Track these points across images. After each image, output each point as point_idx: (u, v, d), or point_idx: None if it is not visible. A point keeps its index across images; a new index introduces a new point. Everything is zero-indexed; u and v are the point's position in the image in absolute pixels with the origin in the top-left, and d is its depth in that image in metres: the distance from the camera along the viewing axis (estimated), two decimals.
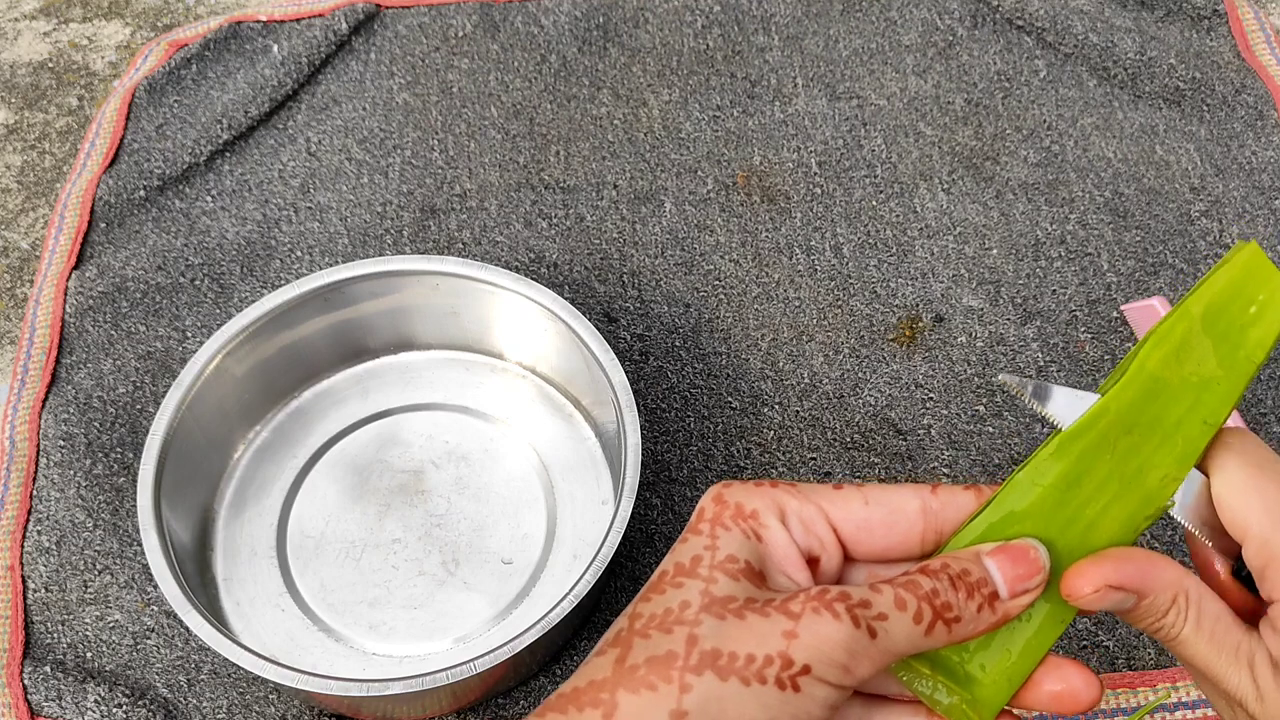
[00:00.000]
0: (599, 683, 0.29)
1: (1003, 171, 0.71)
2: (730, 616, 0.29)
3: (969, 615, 0.31)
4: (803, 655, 0.28)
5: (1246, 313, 0.35)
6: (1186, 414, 0.34)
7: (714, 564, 0.31)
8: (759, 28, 0.79)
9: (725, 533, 0.31)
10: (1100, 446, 0.33)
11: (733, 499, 0.32)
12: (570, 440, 0.61)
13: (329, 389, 0.63)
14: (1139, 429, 0.33)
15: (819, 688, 0.29)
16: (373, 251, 0.69)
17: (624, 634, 0.30)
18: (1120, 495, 0.33)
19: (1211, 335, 0.34)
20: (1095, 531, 0.33)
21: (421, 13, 0.80)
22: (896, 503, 0.33)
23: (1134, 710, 0.52)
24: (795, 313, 0.66)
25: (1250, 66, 0.75)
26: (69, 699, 0.53)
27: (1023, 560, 0.32)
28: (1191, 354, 0.34)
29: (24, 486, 0.60)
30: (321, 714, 0.54)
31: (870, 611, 0.29)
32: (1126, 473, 0.33)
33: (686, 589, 0.30)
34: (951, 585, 0.31)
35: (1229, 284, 0.35)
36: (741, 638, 0.29)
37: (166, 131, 0.74)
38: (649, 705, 0.28)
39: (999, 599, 0.31)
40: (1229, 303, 0.34)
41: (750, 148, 0.73)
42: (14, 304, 0.72)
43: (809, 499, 0.32)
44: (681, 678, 0.28)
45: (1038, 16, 0.77)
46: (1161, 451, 0.33)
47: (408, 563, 0.57)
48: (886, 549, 0.33)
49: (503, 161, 0.73)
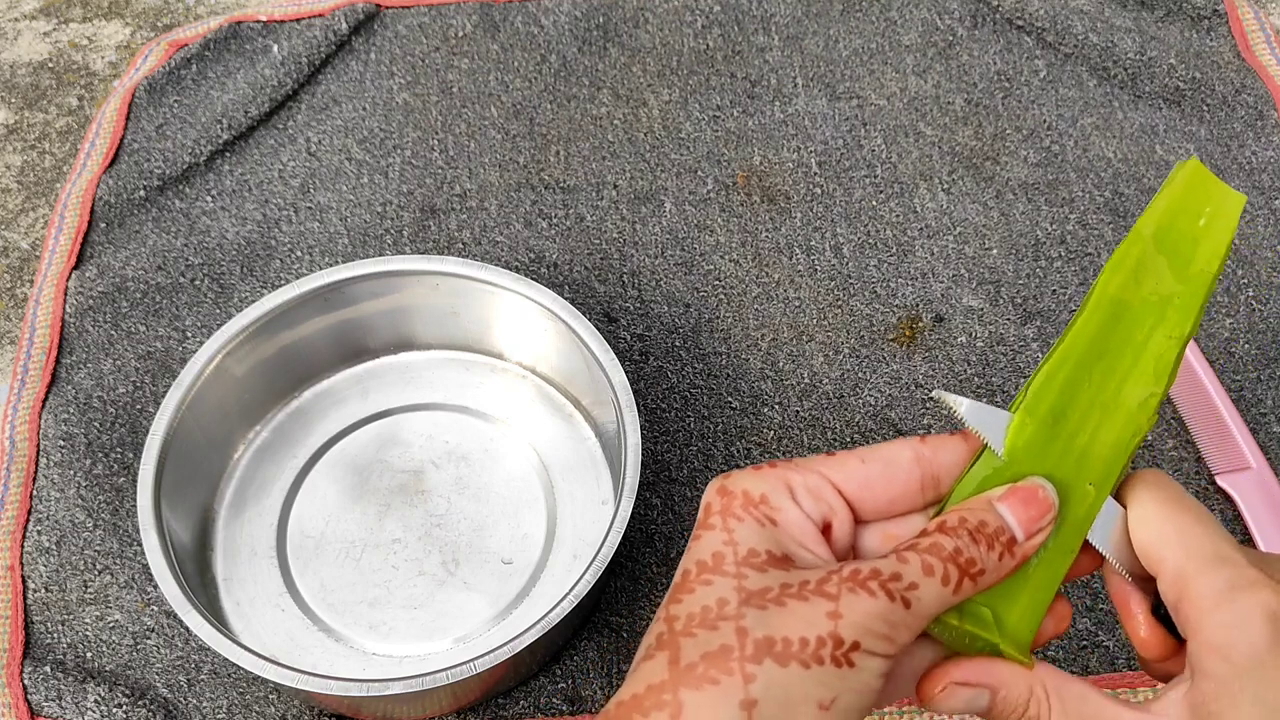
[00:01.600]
0: (657, 686, 0.29)
1: (1003, 171, 0.71)
2: (771, 605, 0.30)
3: (991, 565, 0.32)
4: (850, 633, 0.29)
5: (1196, 226, 0.36)
6: (1152, 331, 0.35)
7: (739, 560, 0.31)
8: (759, 28, 0.79)
9: (739, 524, 0.32)
10: (1078, 377, 0.34)
11: (738, 488, 0.33)
12: (570, 440, 0.61)
13: (329, 389, 0.63)
14: (1110, 353, 0.34)
15: (870, 660, 0.30)
16: (373, 251, 0.69)
17: (666, 637, 0.30)
18: (1105, 421, 0.34)
19: (1165, 253, 0.35)
20: (1089, 460, 0.34)
21: (421, 13, 0.80)
22: (890, 455, 0.34)
23: None
24: (795, 313, 0.66)
25: (1250, 66, 0.75)
26: (69, 699, 0.53)
27: (1033, 501, 0.33)
28: (1149, 274, 0.35)
29: (24, 486, 0.60)
30: (321, 714, 0.54)
31: (902, 584, 0.30)
32: (1106, 398, 0.34)
33: (718, 586, 0.30)
34: (972, 539, 0.32)
35: (1175, 201, 0.36)
36: (789, 623, 0.29)
37: (166, 131, 0.74)
38: (716, 700, 0.28)
39: (1016, 543, 0.32)
40: (1177, 219, 0.36)
41: (750, 148, 0.73)
42: (14, 304, 0.72)
43: (810, 469, 0.33)
44: (742, 668, 0.29)
45: (1038, 16, 0.77)
46: (1135, 372, 0.34)
47: (408, 563, 0.57)
48: (890, 502, 0.34)
49: (503, 161, 0.73)
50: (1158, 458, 0.60)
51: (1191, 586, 0.31)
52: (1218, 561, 0.31)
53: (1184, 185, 0.36)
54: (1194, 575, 0.31)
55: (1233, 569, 0.31)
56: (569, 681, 0.54)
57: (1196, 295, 0.35)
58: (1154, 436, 0.60)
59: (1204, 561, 0.32)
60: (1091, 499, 0.34)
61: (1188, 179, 0.36)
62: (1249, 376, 0.62)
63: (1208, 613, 0.31)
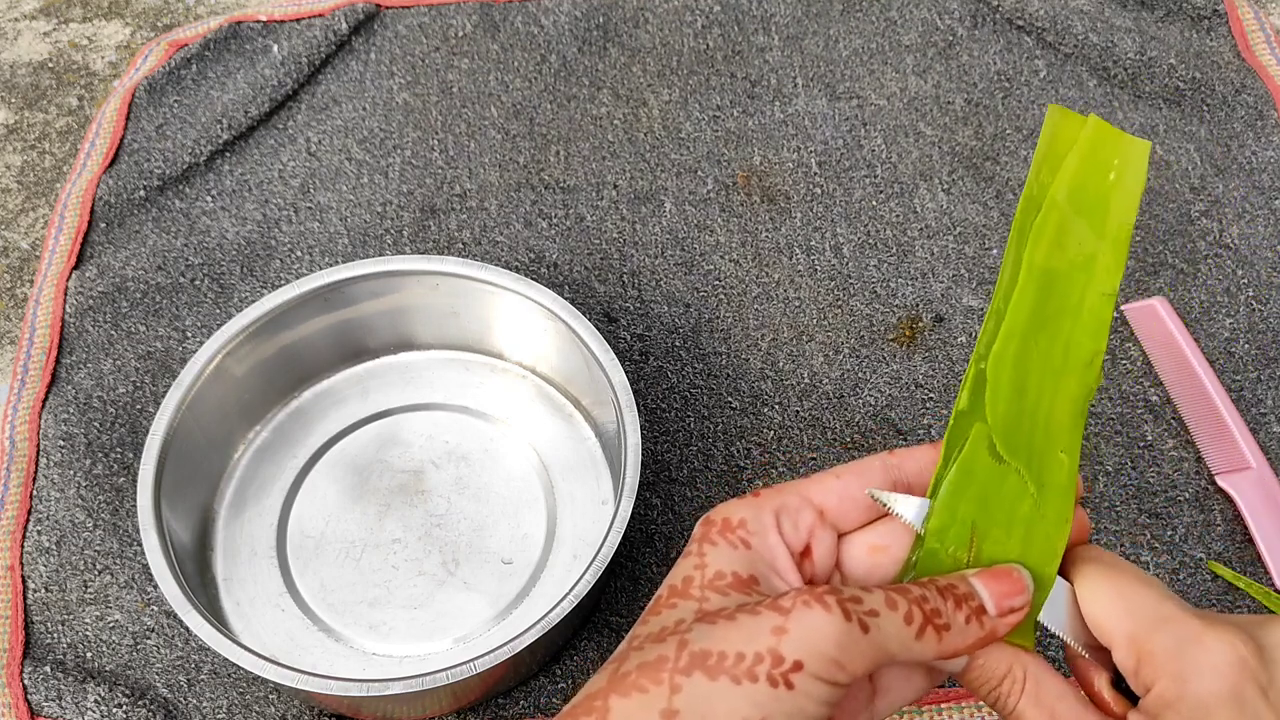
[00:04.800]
0: (594, 694, 0.29)
1: (1003, 171, 0.71)
2: (721, 621, 0.29)
3: (958, 625, 0.31)
4: (793, 651, 0.28)
5: (1107, 180, 0.36)
6: (1084, 292, 0.35)
7: (705, 583, 0.31)
8: (759, 28, 0.79)
9: (712, 548, 0.32)
10: (1025, 349, 0.35)
11: (719, 516, 0.33)
12: (570, 440, 0.61)
13: (329, 389, 0.63)
14: (1050, 320, 0.35)
15: (812, 684, 0.29)
16: (373, 251, 0.69)
17: (621, 653, 0.30)
18: (1059, 386, 0.35)
19: (1082, 214, 0.36)
20: (1054, 429, 0.34)
21: (421, 13, 0.80)
22: (861, 467, 0.34)
23: None
24: (795, 313, 0.66)
25: (1250, 66, 0.75)
26: (69, 699, 0.53)
27: (1006, 579, 0.33)
28: (1070, 238, 0.36)
29: (24, 486, 0.60)
30: (321, 714, 0.54)
31: (861, 606, 0.30)
32: (1055, 364, 0.35)
33: (681, 609, 0.31)
34: (939, 594, 0.31)
35: (1083, 161, 0.36)
36: (730, 637, 0.29)
37: (166, 131, 0.74)
38: (639, 707, 0.28)
39: (986, 614, 0.32)
40: (1088, 179, 0.36)
41: (750, 148, 0.73)
42: (14, 304, 0.72)
43: (789, 491, 0.33)
44: (671, 679, 0.28)
45: (1038, 16, 0.77)
46: (1076, 333, 0.35)
47: (408, 563, 0.57)
48: (867, 512, 0.34)
49: (503, 161, 0.73)
50: (1158, 458, 0.60)
51: (1143, 650, 0.32)
52: (1163, 622, 0.32)
53: (1089, 144, 0.36)
54: (1144, 639, 0.32)
55: (1179, 625, 0.31)
56: (569, 681, 0.54)
57: (1120, 249, 0.36)
58: (1154, 437, 0.60)
59: (1152, 624, 0.32)
60: (1067, 466, 0.34)
61: (1092, 137, 0.37)
62: (1249, 376, 0.62)
63: (1159, 670, 0.31)
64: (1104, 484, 0.59)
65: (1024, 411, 0.34)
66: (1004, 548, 0.33)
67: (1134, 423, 0.61)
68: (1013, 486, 0.34)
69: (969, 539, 0.33)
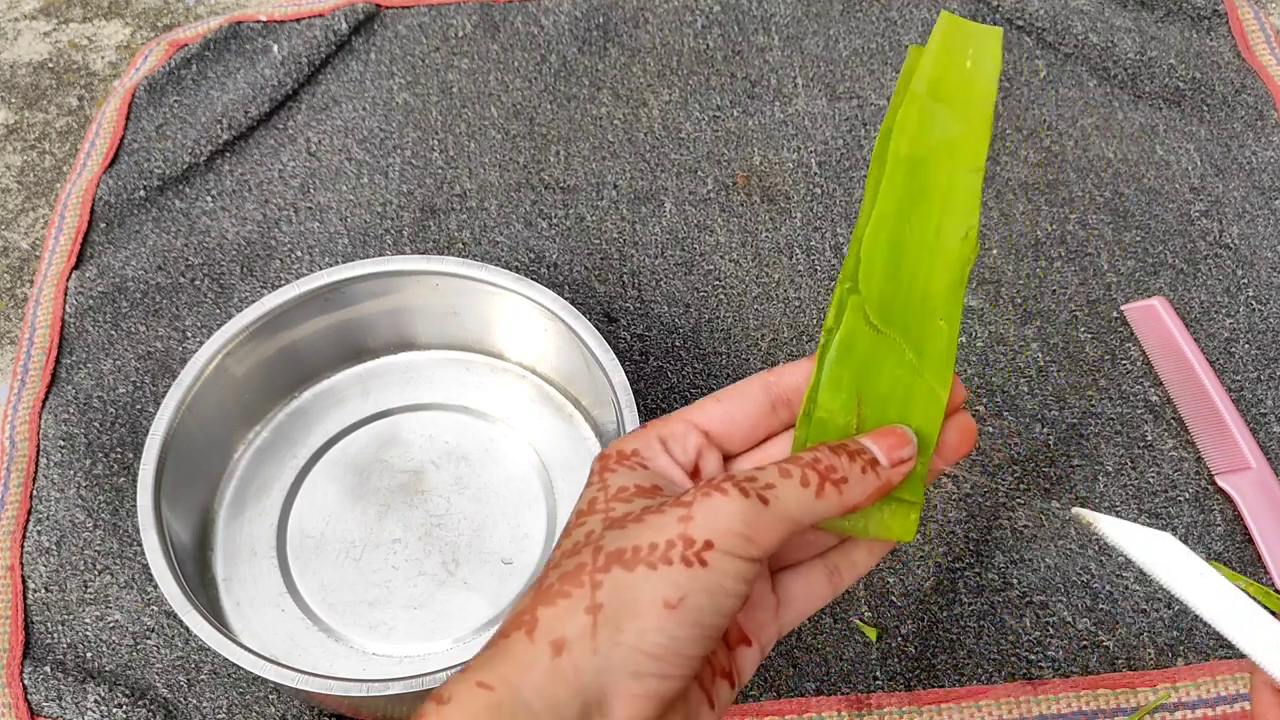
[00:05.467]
0: (520, 611, 0.30)
1: (1003, 171, 0.71)
2: (630, 525, 0.31)
3: (854, 476, 0.33)
4: (702, 532, 0.30)
5: (964, 69, 0.38)
6: (953, 172, 0.37)
7: (609, 499, 0.33)
8: (759, 28, 0.79)
9: (613, 475, 0.34)
10: (899, 230, 0.37)
11: (613, 449, 0.35)
12: (570, 440, 0.61)
13: (329, 389, 0.63)
14: (922, 200, 0.37)
15: (726, 560, 0.30)
16: (373, 251, 0.69)
17: (541, 576, 0.32)
18: (936, 263, 0.37)
19: (943, 102, 0.38)
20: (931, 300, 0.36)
21: (421, 13, 0.80)
22: (740, 388, 0.36)
23: (1134, 710, 0.52)
24: (795, 313, 0.66)
25: (1250, 66, 0.75)
26: (69, 699, 0.53)
27: (892, 434, 0.35)
28: (933, 125, 0.38)
29: (24, 486, 0.60)
30: (321, 714, 0.54)
31: (758, 484, 0.31)
32: (929, 241, 0.37)
33: (589, 524, 0.32)
34: (832, 453, 0.33)
35: (939, 55, 0.39)
36: (642, 534, 0.30)
37: (166, 131, 0.74)
38: (565, 611, 0.29)
39: (879, 464, 0.34)
40: (946, 70, 0.38)
41: (750, 148, 0.73)
42: (14, 304, 0.72)
43: (674, 419, 0.35)
44: (592, 579, 0.30)
45: (1038, 16, 0.77)
46: (948, 211, 0.37)
47: (408, 563, 0.57)
48: (750, 429, 0.36)
49: (503, 161, 0.73)
50: (1158, 458, 0.60)
51: None
52: None
53: (943, 38, 0.39)
54: None
55: None
56: None
57: (984, 129, 0.38)
58: (1154, 436, 0.60)
59: None
60: (946, 333, 0.36)
61: (945, 31, 0.39)
62: (1249, 376, 0.62)
63: None
64: (1104, 484, 0.59)
65: (899, 285, 0.36)
66: (886, 413, 0.36)
67: (1134, 423, 0.61)
68: (892, 355, 0.36)
69: (855, 406, 0.35)
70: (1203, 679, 0.52)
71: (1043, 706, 0.52)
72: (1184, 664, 0.53)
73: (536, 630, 0.29)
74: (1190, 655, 0.53)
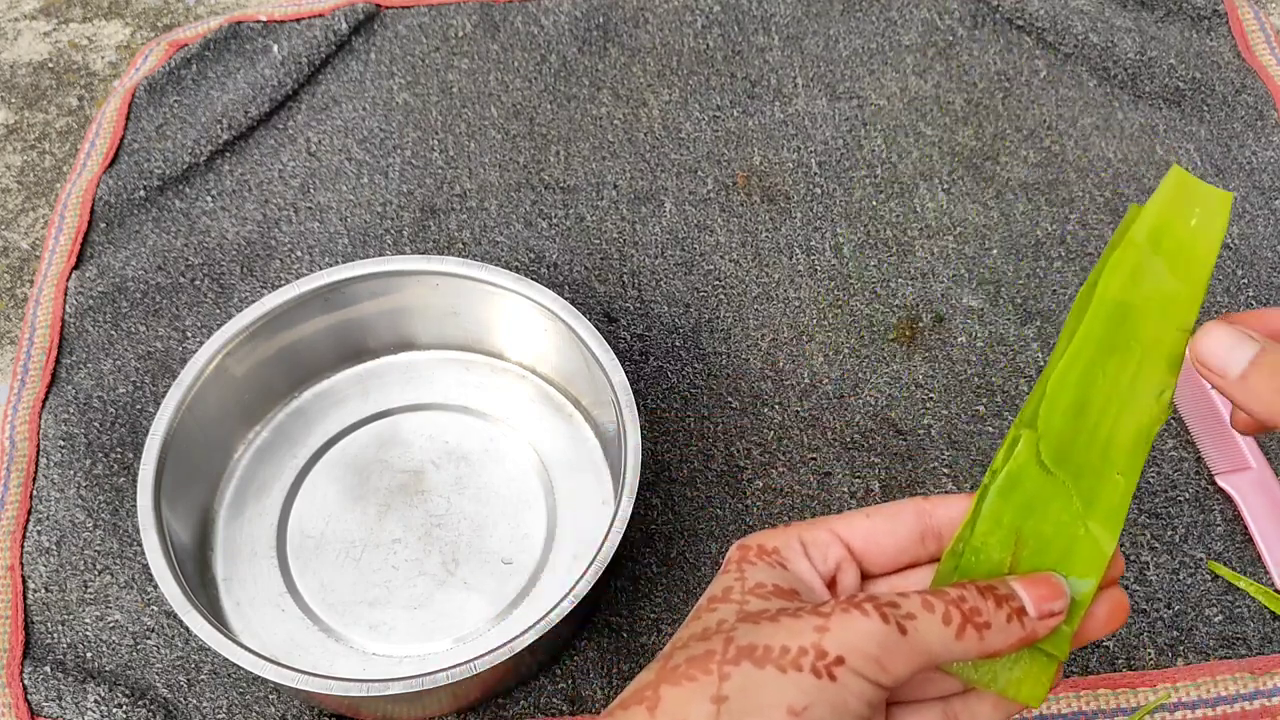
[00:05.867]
0: (643, 685, 0.30)
1: (1003, 171, 0.71)
2: (765, 622, 0.31)
3: (999, 623, 0.32)
4: (836, 647, 0.30)
5: (1188, 226, 0.37)
6: (1159, 327, 0.36)
7: (745, 591, 0.32)
8: (759, 28, 0.79)
9: (750, 567, 0.33)
10: (1092, 373, 0.36)
11: (754, 542, 0.34)
12: (570, 440, 0.61)
13: (329, 389, 0.63)
14: (1119, 350, 0.36)
15: (854, 680, 0.30)
16: (373, 251, 0.69)
17: (666, 652, 0.31)
18: (1123, 414, 0.36)
19: (1161, 254, 0.37)
20: (1113, 451, 0.35)
21: (421, 13, 0.80)
22: (893, 509, 0.35)
23: (1134, 710, 0.52)
24: (795, 313, 0.66)
25: (1250, 66, 0.75)
26: (69, 699, 0.53)
27: (1045, 583, 0.33)
28: (1147, 276, 0.37)
29: (24, 486, 0.60)
30: (321, 714, 0.54)
31: (899, 611, 0.31)
32: (1122, 392, 0.36)
33: (721, 611, 0.32)
34: (979, 594, 0.32)
35: (1165, 207, 0.38)
36: (776, 634, 0.30)
37: (166, 131, 0.74)
38: (690, 694, 0.29)
39: (1026, 614, 0.33)
40: (1169, 223, 0.37)
41: (750, 148, 0.73)
42: (14, 304, 0.72)
43: (819, 526, 0.35)
44: (720, 668, 0.30)
45: (1038, 16, 0.77)
46: (1147, 365, 0.36)
47: (408, 563, 0.57)
48: (895, 553, 0.35)
49: (503, 161, 0.73)
50: (1158, 458, 0.60)
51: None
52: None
53: (1172, 192, 0.38)
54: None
55: None
56: (569, 681, 0.54)
57: (1198, 289, 0.37)
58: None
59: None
60: (1122, 488, 0.35)
61: (1175, 185, 0.38)
62: None
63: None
64: None
65: (1081, 430, 0.35)
66: (1044, 558, 0.34)
67: None
68: (1060, 498, 0.35)
69: (1011, 545, 0.34)
70: (1203, 679, 0.52)
71: (1043, 706, 0.52)
72: (1184, 664, 0.53)
73: (659, 709, 0.29)
74: (1190, 655, 0.53)
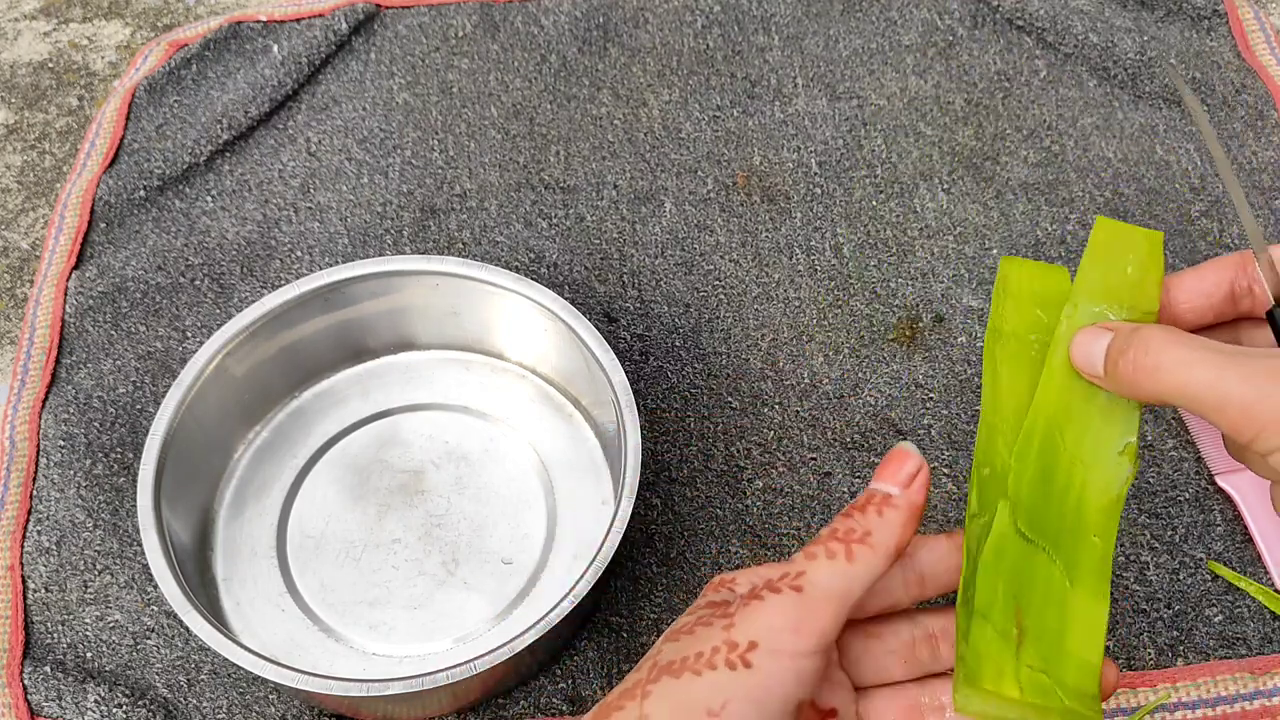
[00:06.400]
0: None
1: (1003, 171, 0.71)
2: (683, 635, 0.32)
3: (875, 523, 0.32)
4: (745, 635, 0.30)
5: (1126, 274, 0.37)
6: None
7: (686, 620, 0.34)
8: (759, 28, 0.79)
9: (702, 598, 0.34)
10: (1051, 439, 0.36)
11: (718, 576, 0.35)
12: (570, 440, 0.61)
13: (329, 389, 0.63)
14: (1074, 413, 0.36)
15: (772, 661, 0.30)
16: (373, 251, 0.69)
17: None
18: (1090, 476, 0.35)
19: (1109, 306, 0.37)
20: (1084, 515, 0.35)
21: (421, 13, 0.80)
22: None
23: (1134, 710, 0.52)
24: (795, 313, 0.66)
25: (1250, 66, 0.75)
26: (69, 699, 0.53)
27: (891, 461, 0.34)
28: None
29: (24, 486, 0.60)
30: (321, 714, 0.54)
31: (789, 578, 0.31)
32: (1085, 455, 0.36)
33: (660, 644, 0.33)
34: (846, 517, 0.33)
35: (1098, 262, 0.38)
36: (691, 644, 0.31)
37: (166, 131, 0.74)
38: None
39: (892, 496, 0.33)
40: (1106, 275, 0.37)
41: (750, 148, 0.73)
42: (14, 304, 0.72)
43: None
44: (642, 690, 0.31)
45: (1038, 16, 0.77)
46: (1109, 421, 0.36)
47: (408, 563, 0.57)
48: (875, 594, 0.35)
49: (503, 161, 0.73)
50: (1158, 458, 0.60)
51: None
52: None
53: (1102, 245, 0.38)
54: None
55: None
56: (569, 681, 0.54)
57: None
58: (1154, 437, 0.60)
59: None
60: (1100, 550, 0.35)
61: (1103, 238, 0.38)
62: None
63: None
64: None
65: (1051, 497, 0.35)
66: (1047, 625, 0.34)
67: None
68: (1044, 565, 0.35)
69: (1014, 616, 0.34)
70: (1203, 679, 0.52)
71: None
72: (1184, 664, 0.53)
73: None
74: (1190, 655, 0.53)
